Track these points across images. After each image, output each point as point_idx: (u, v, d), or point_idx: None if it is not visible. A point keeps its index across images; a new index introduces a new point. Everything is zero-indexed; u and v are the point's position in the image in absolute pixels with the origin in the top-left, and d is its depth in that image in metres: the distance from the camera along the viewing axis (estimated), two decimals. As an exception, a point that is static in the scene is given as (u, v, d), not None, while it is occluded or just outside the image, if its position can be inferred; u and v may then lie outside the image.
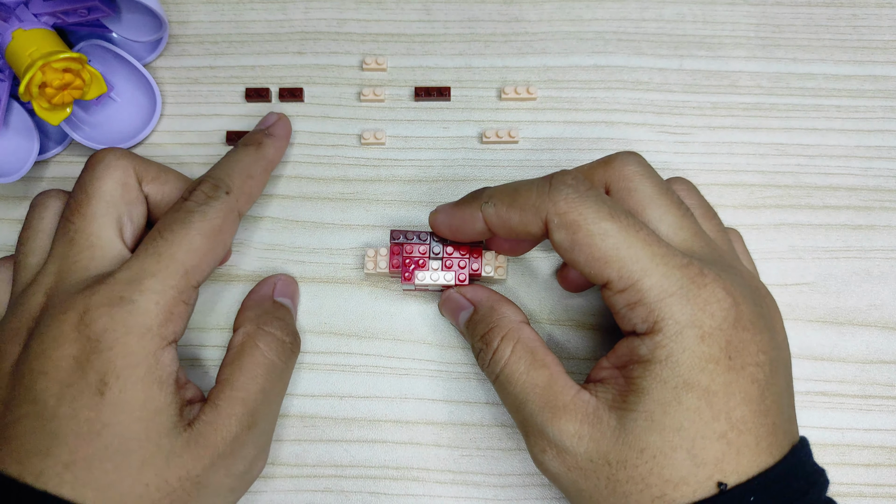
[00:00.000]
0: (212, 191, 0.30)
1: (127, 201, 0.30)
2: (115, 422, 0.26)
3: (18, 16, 0.33)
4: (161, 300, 0.27)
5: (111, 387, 0.26)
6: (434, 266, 0.33)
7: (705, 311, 0.26)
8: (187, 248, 0.28)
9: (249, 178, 0.32)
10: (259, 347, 0.30)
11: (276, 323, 0.31)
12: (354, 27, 0.39)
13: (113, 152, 0.30)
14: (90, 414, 0.25)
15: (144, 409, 0.26)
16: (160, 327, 0.27)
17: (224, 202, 0.30)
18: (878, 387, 0.35)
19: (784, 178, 0.37)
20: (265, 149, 0.34)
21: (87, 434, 0.25)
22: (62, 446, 0.25)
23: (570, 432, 0.27)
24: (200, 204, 0.29)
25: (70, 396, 0.26)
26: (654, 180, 0.29)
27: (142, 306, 0.27)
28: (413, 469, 0.34)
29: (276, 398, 0.31)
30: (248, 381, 0.29)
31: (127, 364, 0.26)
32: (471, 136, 0.38)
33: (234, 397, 0.28)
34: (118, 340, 0.26)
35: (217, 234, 0.29)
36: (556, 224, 0.27)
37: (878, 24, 0.39)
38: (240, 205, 0.31)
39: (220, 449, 0.27)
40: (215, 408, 0.28)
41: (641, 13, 0.39)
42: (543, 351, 0.29)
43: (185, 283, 0.28)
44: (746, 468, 0.25)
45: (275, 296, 0.34)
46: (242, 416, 0.28)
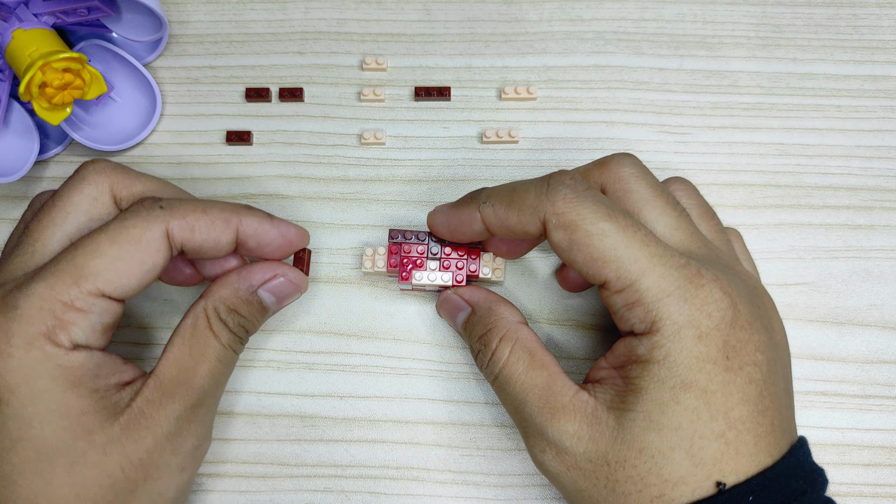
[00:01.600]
0: (148, 202, 0.28)
1: (92, 216, 0.28)
2: (27, 436, 0.25)
3: (18, 15, 0.33)
4: (45, 305, 0.25)
5: (7, 402, 0.25)
6: (432, 266, 0.33)
7: (703, 312, 0.26)
8: (89, 253, 0.26)
9: (200, 212, 0.28)
10: (212, 332, 0.28)
11: (236, 319, 0.29)
12: (354, 27, 0.39)
13: (93, 165, 0.29)
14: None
15: (60, 415, 0.25)
16: (48, 335, 0.25)
17: (151, 213, 0.27)
18: (878, 387, 0.35)
19: (784, 178, 0.37)
20: (246, 211, 0.30)
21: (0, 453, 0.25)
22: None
23: (569, 432, 0.27)
24: (126, 213, 0.27)
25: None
26: (650, 181, 0.29)
27: (24, 313, 0.25)
28: (413, 469, 0.34)
29: (222, 382, 0.30)
30: (196, 361, 0.28)
31: (20, 377, 0.25)
32: (471, 136, 0.38)
33: (180, 376, 0.27)
34: (2, 353, 0.25)
35: (132, 242, 0.27)
36: (554, 224, 0.27)
37: (879, 24, 0.39)
38: (172, 225, 0.27)
39: (164, 428, 0.27)
40: (159, 385, 0.27)
41: (641, 13, 0.39)
42: (542, 351, 0.29)
43: (79, 288, 0.26)
44: (745, 468, 0.25)
45: (262, 288, 0.30)
46: (188, 395, 0.27)
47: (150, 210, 0.27)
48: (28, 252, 0.27)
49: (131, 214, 0.27)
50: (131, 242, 0.27)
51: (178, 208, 0.28)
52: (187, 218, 0.28)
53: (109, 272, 0.26)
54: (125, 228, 0.27)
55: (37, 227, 0.28)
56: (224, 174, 0.37)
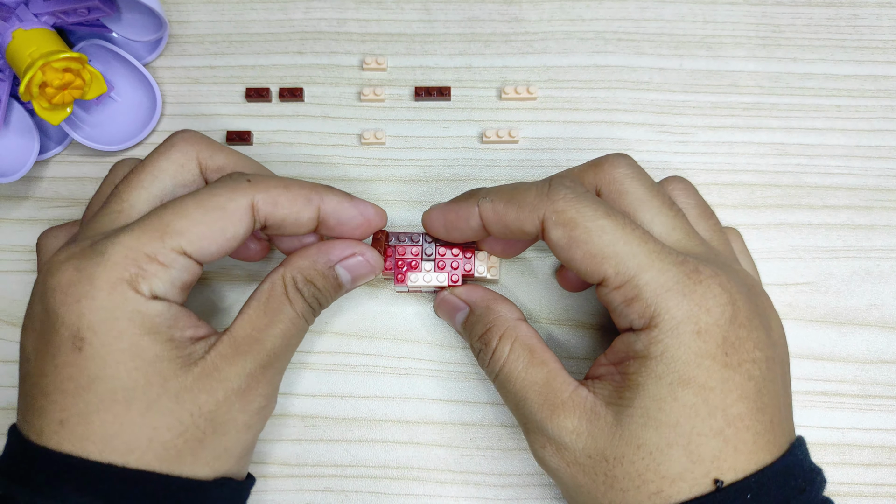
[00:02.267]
0: (235, 175, 0.29)
1: (178, 182, 0.30)
2: (105, 375, 0.25)
3: (19, 15, 0.33)
4: (130, 254, 0.26)
5: (89, 341, 0.25)
6: (427, 267, 0.33)
7: (702, 307, 0.26)
8: (176, 212, 0.27)
9: (283, 188, 0.29)
10: (289, 299, 0.29)
11: (311, 290, 0.30)
12: (354, 27, 0.39)
13: (183, 134, 0.30)
14: (72, 371, 0.25)
15: (137, 358, 0.26)
16: (130, 281, 0.26)
17: (237, 184, 0.28)
18: (878, 386, 0.35)
19: (784, 178, 0.37)
20: (327, 191, 0.30)
21: (75, 390, 0.25)
22: (53, 404, 0.26)
23: (569, 428, 0.27)
24: (214, 182, 0.29)
25: (51, 354, 0.26)
26: (645, 182, 0.29)
27: (110, 258, 0.26)
28: (413, 469, 0.34)
29: (292, 348, 0.30)
30: (271, 323, 0.28)
31: (101, 318, 0.26)
32: (471, 136, 0.38)
33: (254, 336, 0.28)
34: (85, 294, 0.26)
35: (217, 208, 0.28)
36: (554, 222, 0.27)
37: (878, 23, 0.39)
38: (257, 198, 0.28)
39: (235, 383, 0.27)
40: (233, 341, 0.28)
41: (641, 13, 0.39)
42: (542, 348, 0.29)
43: (163, 243, 0.27)
44: (744, 465, 0.25)
45: (340, 264, 0.31)
46: (259, 355, 0.28)
47: (237, 182, 0.29)
48: (116, 211, 0.29)
49: (219, 184, 0.28)
50: (217, 209, 0.28)
51: (262, 183, 0.29)
52: (270, 192, 0.29)
53: (193, 233, 0.27)
54: (212, 195, 0.28)
55: (125, 188, 0.29)
56: (224, 174, 0.37)
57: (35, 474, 0.25)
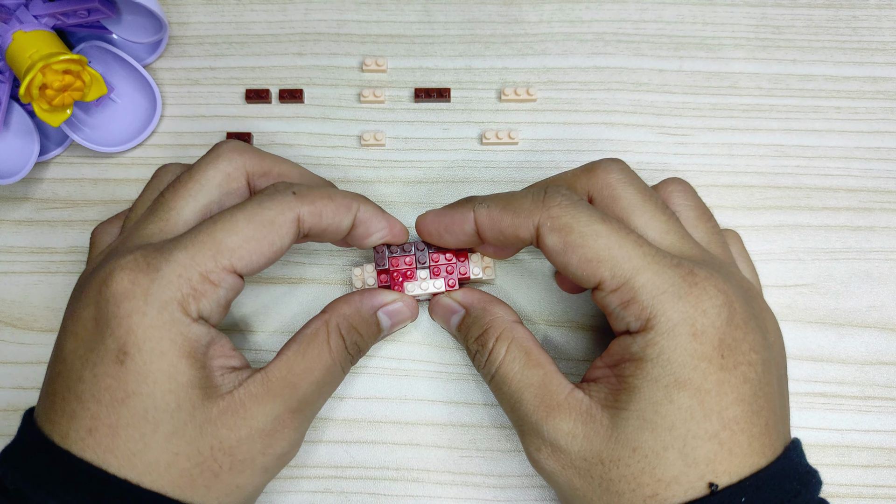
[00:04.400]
0: (280, 187, 0.29)
1: (225, 191, 0.30)
2: (141, 392, 0.26)
3: (18, 17, 0.33)
4: (185, 273, 0.27)
5: (132, 357, 0.26)
6: (422, 275, 0.33)
7: (698, 309, 0.26)
8: (228, 229, 0.27)
9: (328, 199, 0.30)
10: (329, 345, 0.30)
11: (354, 336, 0.31)
12: (354, 28, 0.39)
13: (228, 144, 0.31)
14: (111, 382, 0.26)
15: (173, 380, 0.26)
16: (181, 301, 0.26)
17: (285, 198, 0.29)
18: (877, 388, 0.35)
19: (784, 180, 0.37)
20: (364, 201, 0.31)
21: (110, 402, 0.26)
22: (85, 411, 0.26)
23: (564, 431, 0.27)
24: (262, 196, 0.29)
25: (92, 361, 0.26)
26: (638, 187, 0.29)
27: (164, 276, 0.26)
28: (413, 470, 0.34)
29: (325, 395, 0.31)
30: (307, 368, 0.29)
31: (148, 335, 0.26)
32: (471, 138, 0.38)
33: (288, 379, 0.28)
34: (137, 310, 0.26)
35: (266, 224, 0.28)
36: (549, 227, 0.27)
37: (878, 25, 0.39)
38: (303, 211, 0.29)
39: (260, 424, 0.27)
40: (266, 381, 0.28)
41: (641, 14, 0.39)
42: (537, 350, 0.29)
43: (216, 262, 0.27)
44: (738, 469, 0.25)
45: (381, 310, 0.32)
46: (291, 398, 0.28)
47: (284, 195, 0.29)
48: (163, 218, 0.29)
49: (266, 197, 0.29)
50: (266, 224, 0.28)
51: (308, 195, 0.29)
52: (316, 204, 0.29)
53: (243, 250, 0.28)
54: (262, 209, 0.28)
55: (172, 196, 0.29)
56: (224, 175, 0.37)
57: (52, 476, 0.25)
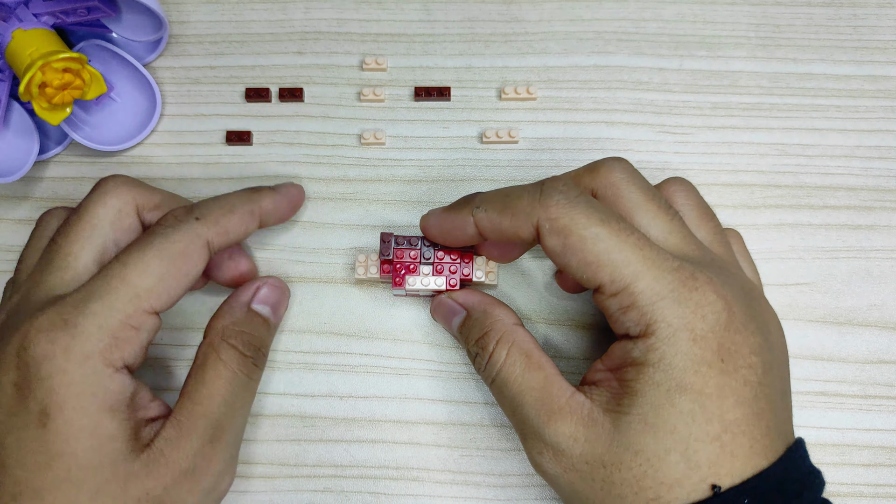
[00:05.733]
0: (182, 214, 0.29)
1: (118, 228, 0.29)
2: (64, 452, 0.25)
3: (18, 16, 0.33)
4: (105, 324, 0.26)
5: (54, 418, 0.25)
6: (425, 271, 0.33)
7: (697, 314, 0.26)
8: (141, 271, 0.27)
9: (230, 213, 0.30)
10: (221, 360, 0.29)
11: (241, 337, 0.30)
12: (354, 27, 0.39)
13: (115, 179, 0.30)
14: (35, 446, 0.25)
15: (94, 437, 0.26)
16: (103, 353, 0.26)
17: (192, 227, 0.29)
18: (878, 387, 0.35)
19: (784, 178, 0.37)
20: (260, 195, 0.32)
21: (34, 466, 0.25)
22: (9, 477, 0.25)
23: (566, 434, 0.27)
24: (166, 227, 0.29)
25: (15, 426, 0.25)
26: (641, 186, 0.29)
27: (84, 330, 0.26)
28: (413, 469, 0.34)
29: (241, 410, 0.30)
30: (209, 394, 0.28)
31: (70, 393, 0.25)
32: (471, 136, 0.38)
33: (195, 411, 0.28)
34: (58, 368, 0.25)
35: (178, 257, 0.28)
36: (548, 229, 0.27)
37: (878, 24, 0.39)
38: (210, 234, 0.29)
39: (183, 465, 0.27)
40: (177, 423, 0.28)
41: (641, 13, 0.39)
42: (538, 353, 0.29)
43: (135, 306, 0.27)
44: (741, 470, 0.25)
45: (253, 303, 0.32)
46: (205, 430, 0.28)
47: (188, 223, 0.29)
48: (62, 267, 0.28)
49: (171, 229, 0.28)
50: (177, 257, 0.28)
51: (209, 215, 0.29)
52: (220, 223, 0.29)
53: (159, 288, 0.27)
54: (170, 244, 0.28)
55: (65, 241, 0.29)
56: (224, 174, 0.37)
57: None
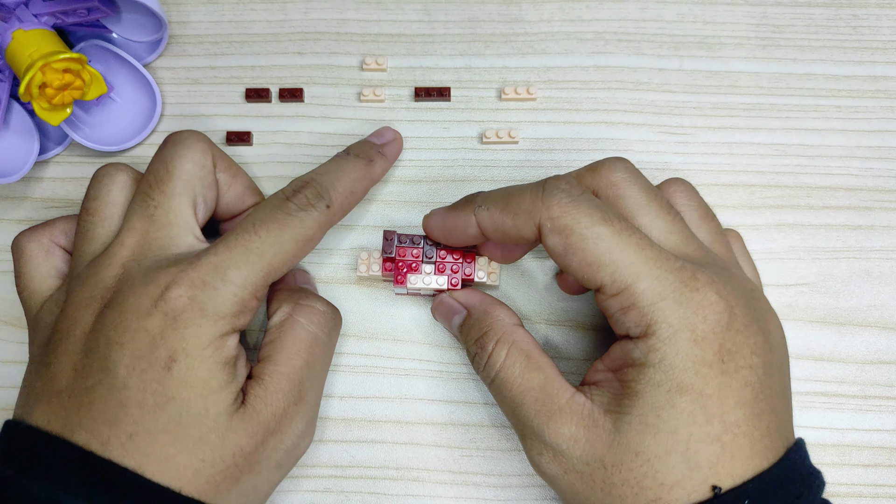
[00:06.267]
0: (315, 199, 0.30)
1: (204, 183, 0.30)
2: (179, 397, 0.26)
3: (18, 16, 0.33)
4: (240, 293, 0.27)
5: (179, 363, 0.26)
6: (427, 270, 0.33)
7: (698, 315, 0.26)
8: (277, 251, 0.28)
9: (352, 195, 0.31)
10: (300, 321, 0.30)
11: (313, 296, 0.32)
12: (354, 27, 0.39)
13: (194, 133, 0.31)
14: (157, 387, 0.26)
15: (206, 386, 0.27)
16: (233, 317, 0.27)
17: (323, 215, 0.30)
18: (877, 387, 0.35)
19: (784, 179, 0.37)
20: (374, 168, 0.33)
21: (152, 406, 0.26)
22: (128, 417, 0.26)
23: (566, 435, 0.27)
24: (301, 209, 0.29)
25: (140, 368, 0.26)
26: (643, 185, 0.29)
27: (221, 294, 0.27)
28: (413, 469, 0.34)
29: (321, 371, 0.31)
30: (291, 355, 0.29)
31: (197, 345, 0.26)
32: (471, 137, 0.38)
33: (279, 372, 0.29)
34: (193, 322, 0.26)
35: (307, 243, 0.29)
36: (549, 229, 0.27)
37: (878, 24, 0.39)
38: (335, 220, 0.31)
39: (271, 425, 0.28)
40: (262, 384, 0.28)
41: (641, 13, 0.39)
42: (538, 353, 0.29)
43: (264, 281, 0.28)
44: (741, 471, 0.25)
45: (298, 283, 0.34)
46: (289, 391, 0.29)
47: (321, 210, 0.30)
48: (167, 223, 0.29)
49: (306, 214, 0.29)
50: (307, 243, 0.29)
51: (338, 201, 0.31)
52: (344, 208, 0.31)
53: (285, 266, 0.29)
54: (304, 229, 0.29)
55: (163, 198, 0.29)
56: (224, 174, 0.37)
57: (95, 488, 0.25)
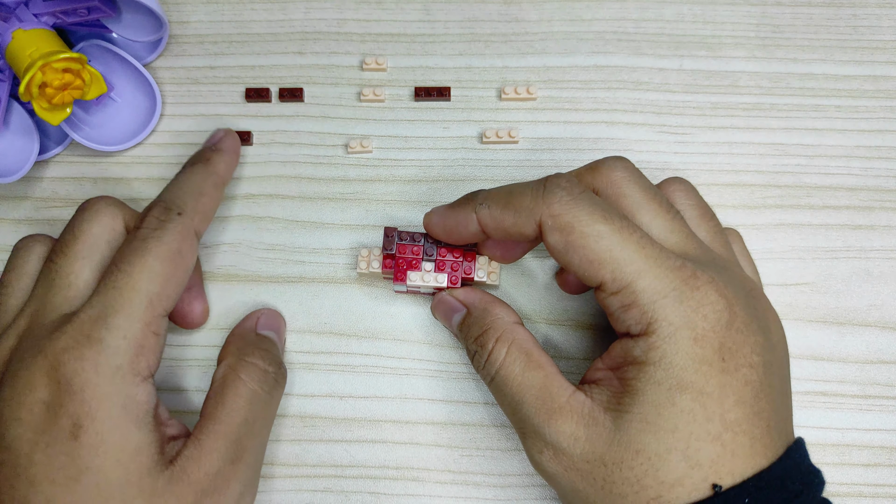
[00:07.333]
0: (163, 214, 0.29)
1: (113, 246, 0.30)
2: (93, 466, 0.25)
3: (18, 16, 0.33)
4: (129, 335, 0.26)
5: (86, 429, 0.25)
6: (427, 268, 0.33)
7: (698, 313, 0.26)
8: (148, 277, 0.27)
9: (201, 196, 0.31)
10: (241, 378, 0.29)
11: (259, 353, 0.31)
12: (354, 27, 0.39)
13: (103, 199, 0.30)
14: (65, 460, 0.25)
15: (123, 450, 0.26)
16: (131, 364, 0.26)
17: (178, 223, 0.29)
18: (878, 387, 0.35)
19: (784, 179, 0.37)
20: (214, 164, 0.33)
21: (65, 481, 0.25)
22: (39, 495, 0.25)
23: (567, 433, 0.27)
24: (154, 229, 0.29)
25: (44, 443, 0.25)
26: (643, 184, 0.29)
27: (110, 345, 0.26)
28: (413, 469, 0.34)
29: (261, 430, 0.30)
30: (230, 413, 0.28)
31: (101, 406, 0.26)
32: (471, 136, 0.38)
33: (216, 431, 0.28)
34: (89, 382, 0.26)
35: (176, 257, 0.28)
36: (550, 226, 0.27)
37: (878, 24, 0.39)
38: (195, 224, 0.30)
39: (204, 485, 0.27)
40: (198, 443, 0.28)
41: (641, 13, 0.39)
42: (538, 352, 0.29)
43: (151, 313, 0.27)
44: (741, 470, 0.25)
45: (258, 329, 0.33)
46: (226, 451, 0.28)
47: (174, 220, 0.29)
48: (65, 286, 0.28)
49: (160, 230, 0.29)
50: (175, 257, 0.28)
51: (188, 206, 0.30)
52: (199, 209, 0.30)
53: (167, 291, 0.28)
54: (165, 245, 0.28)
55: (65, 261, 0.29)
56: (224, 174, 0.37)
57: None
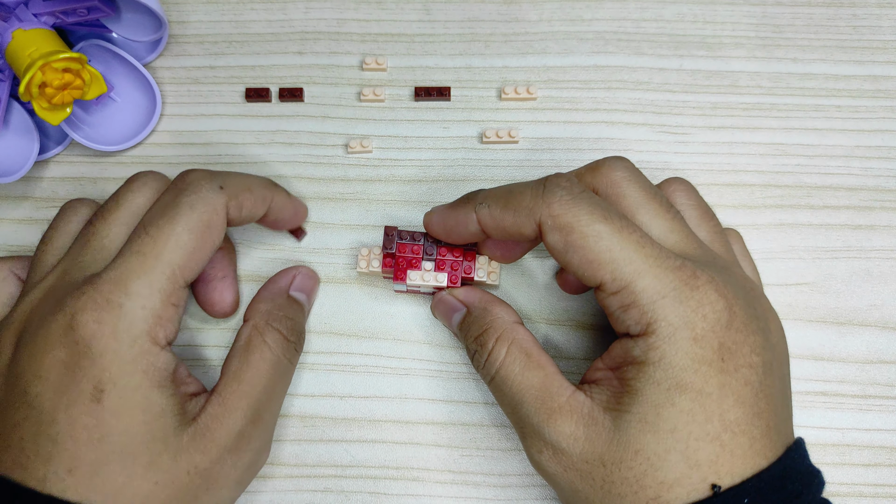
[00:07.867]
0: (206, 181, 0.29)
1: None
2: (118, 428, 0.26)
3: (18, 16, 0.33)
4: (148, 304, 0.26)
5: (108, 394, 0.26)
6: (427, 267, 0.33)
7: (698, 313, 0.26)
8: (174, 246, 0.27)
9: (248, 191, 0.30)
10: (266, 343, 0.30)
11: (285, 321, 0.31)
12: (354, 27, 0.39)
13: (151, 173, 0.31)
14: (89, 421, 0.26)
15: (146, 412, 0.26)
16: (150, 332, 0.27)
17: (215, 196, 0.28)
18: (878, 387, 0.35)
19: (784, 179, 0.37)
20: (276, 188, 0.32)
21: (88, 441, 0.25)
22: (63, 452, 0.25)
23: (566, 433, 0.27)
24: (190, 195, 0.28)
25: (65, 403, 0.26)
26: (643, 185, 0.29)
27: (129, 311, 0.26)
28: (413, 469, 0.34)
29: (279, 394, 0.31)
30: (254, 376, 0.29)
31: (122, 372, 0.26)
32: (471, 136, 0.38)
33: (240, 391, 0.29)
34: (108, 347, 0.26)
35: (205, 230, 0.28)
36: (550, 226, 0.27)
37: (878, 24, 0.39)
38: (231, 207, 0.29)
39: (226, 442, 0.28)
40: (222, 401, 0.28)
41: (641, 13, 0.39)
42: (538, 352, 0.29)
43: (173, 284, 0.27)
44: (741, 470, 0.25)
45: (291, 290, 0.33)
46: (248, 411, 0.28)
47: (211, 191, 0.29)
48: (99, 248, 0.28)
49: (196, 197, 0.28)
50: (205, 230, 0.28)
51: (232, 188, 0.29)
52: (239, 197, 0.29)
53: (191, 263, 0.28)
54: (197, 215, 0.28)
55: (103, 224, 0.29)
56: (224, 174, 0.37)
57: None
